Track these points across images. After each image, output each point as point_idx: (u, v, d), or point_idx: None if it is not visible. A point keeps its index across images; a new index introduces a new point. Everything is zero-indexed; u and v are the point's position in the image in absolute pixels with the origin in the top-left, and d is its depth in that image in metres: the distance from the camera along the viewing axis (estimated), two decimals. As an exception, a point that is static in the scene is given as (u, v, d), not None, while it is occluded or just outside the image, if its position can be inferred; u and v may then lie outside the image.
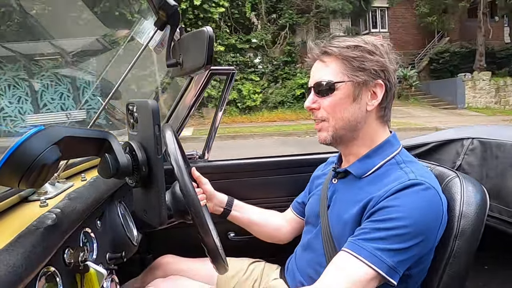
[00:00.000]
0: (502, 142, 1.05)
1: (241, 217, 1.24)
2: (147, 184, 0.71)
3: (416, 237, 0.78)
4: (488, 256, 1.09)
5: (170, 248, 1.35)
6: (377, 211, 0.81)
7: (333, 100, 0.90)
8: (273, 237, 1.25)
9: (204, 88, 1.45)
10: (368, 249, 0.77)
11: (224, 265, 0.94)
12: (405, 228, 0.77)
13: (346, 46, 0.88)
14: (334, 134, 0.92)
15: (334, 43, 0.91)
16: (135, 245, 1.01)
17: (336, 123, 0.91)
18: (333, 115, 0.91)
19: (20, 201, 0.79)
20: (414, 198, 0.79)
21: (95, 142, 0.66)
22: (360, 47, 0.88)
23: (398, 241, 0.77)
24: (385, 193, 0.81)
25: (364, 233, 0.80)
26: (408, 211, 0.78)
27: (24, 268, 0.51)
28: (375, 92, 0.89)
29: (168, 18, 0.91)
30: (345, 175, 0.97)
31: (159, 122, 0.67)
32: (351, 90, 0.88)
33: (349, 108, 0.89)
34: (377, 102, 0.89)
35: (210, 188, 1.20)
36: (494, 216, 1.03)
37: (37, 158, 0.54)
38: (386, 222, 0.79)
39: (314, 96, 0.93)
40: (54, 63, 7.64)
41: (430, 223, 0.80)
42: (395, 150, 0.92)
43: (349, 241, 0.82)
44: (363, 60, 0.87)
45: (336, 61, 0.89)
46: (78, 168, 1.12)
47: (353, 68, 0.88)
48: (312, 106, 0.93)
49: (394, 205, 0.79)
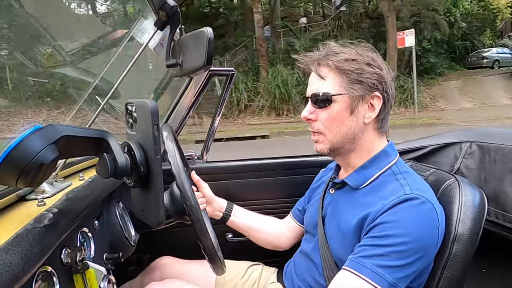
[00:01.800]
0: (500, 146, 1.06)
1: (240, 223, 1.23)
2: (146, 184, 0.71)
3: (416, 253, 0.78)
4: (486, 259, 1.09)
5: (168, 249, 1.35)
6: (375, 227, 0.81)
7: (330, 113, 0.89)
8: (272, 244, 1.24)
9: (204, 88, 1.45)
10: (369, 267, 0.77)
11: (221, 266, 0.94)
12: (404, 244, 0.77)
13: (343, 59, 0.87)
14: (331, 147, 0.91)
15: (331, 55, 0.89)
16: (133, 245, 1.01)
17: (334, 137, 0.90)
18: (330, 128, 0.90)
19: (18, 200, 0.79)
20: (411, 214, 0.79)
21: (93, 141, 0.66)
22: (357, 59, 0.87)
23: (398, 258, 0.77)
24: (382, 207, 0.81)
25: (364, 250, 0.80)
26: (406, 227, 0.78)
27: (21, 268, 0.51)
28: (373, 104, 0.88)
29: (168, 18, 0.91)
30: (342, 185, 0.97)
31: (158, 122, 0.66)
32: (348, 103, 0.88)
33: (346, 121, 0.89)
34: (375, 114, 0.89)
35: (210, 192, 1.20)
36: (492, 220, 1.03)
37: (35, 157, 0.54)
38: (385, 238, 0.78)
39: (311, 107, 0.91)
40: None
41: (428, 237, 0.80)
42: (392, 161, 0.92)
43: (349, 259, 0.82)
44: (360, 73, 0.86)
45: (333, 73, 0.88)
46: (76, 168, 1.12)
47: (350, 81, 0.87)
48: (309, 116, 0.92)
49: (391, 220, 0.79)
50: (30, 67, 1.36)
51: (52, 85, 1.46)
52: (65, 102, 3.12)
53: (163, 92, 1.65)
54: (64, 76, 1.48)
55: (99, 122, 0.98)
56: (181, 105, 1.51)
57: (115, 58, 1.23)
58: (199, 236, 0.89)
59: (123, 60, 1.15)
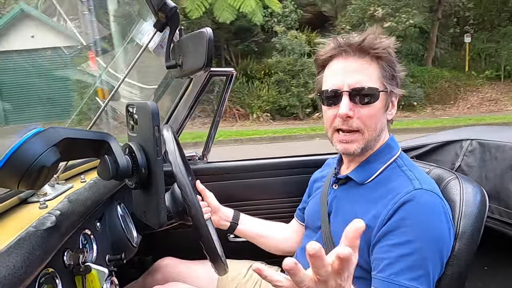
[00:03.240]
0: (501, 144, 1.05)
1: (249, 231, 1.21)
2: (147, 186, 0.71)
3: (439, 251, 0.76)
4: (487, 257, 1.09)
5: (170, 250, 1.35)
6: (391, 232, 0.77)
7: (372, 110, 0.82)
8: (280, 249, 1.22)
9: (204, 89, 1.46)
10: (404, 285, 0.73)
11: (223, 266, 0.94)
12: (428, 249, 0.75)
13: (385, 49, 0.79)
14: (365, 146, 0.85)
15: (373, 42, 0.80)
16: (135, 246, 1.01)
17: (370, 135, 0.84)
18: (369, 126, 0.83)
19: (20, 203, 0.79)
20: (424, 212, 0.77)
21: (94, 143, 0.66)
22: (391, 52, 0.82)
23: (427, 264, 0.74)
24: (393, 205, 0.78)
25: (391, 265, 0.75)
26: (423, 231, 0.75)
27: (24, 270, 0.51)
28: (393, 101, 0.87)
29: (168, 20, 0.91)
30: (346, 181, 0.94)
31: (158, 123, 0.67)
32: (386, 99, 0.84)
33: (381, 119, 0.85)
34: (395, 111, 0.88)
35: (215, 201, 1.17)
36: (494, 217, 1.03)
37: (36, 160, 0.54)
38: (408, 245, 0.74)
39: (350, 103, 0.82)
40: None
41: (444, 232, 0.78)
42: (395, 154, 0.90)
43: (379, 279, 0.76)
44: (394, 67, 0.83)
45: (375, 64, 0.81)
46: (78, 170, 1.12)
47: (388, 75, 0.82)
48: (350, 113, 0.82)
49: (407, 224, 0.75)
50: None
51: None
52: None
53: (163, 93, 1.65)
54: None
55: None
56: (181, 105, 1.51)
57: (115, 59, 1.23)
58: (201, 236, 0.89)
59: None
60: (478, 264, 0.94)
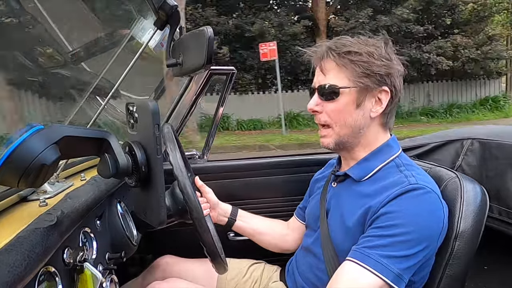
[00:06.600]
0: (501, 143, 1.05)
1: (246, 227, 1.22)
2: (147, 184, 0.71)
3: (420, 243, 0.77)
4: (488, 256, 1.08)
5: (170, 249, 1.35)
6: (379, 217, 0.80)
7: (336, 105, 0.88)
8: (278, 246, 1.23)
9: (204, 87, 1.45)
10: (373, 257, 0.76)
11: (223, 265, 0.94)
12: (408, 234, 0.77)
13: (349, 52, 0.86)
14: (337, 141, 0.91)
15: (338, 46, 0.88)
16: (135, 245, 1.01)
17: (340, 130, 0.90)
18: (336, 121, 0.89)
19: (20, 201, 0.79)
20: (416, 203, 0.79)
21: (94, 141, 0.66)
22: (365, 52, 0.86)
23: (403, 248, 0.76)
24: (386, 197, 0.81)
25: (368, 241, 0.79)
26: (411, 217, 0.77)
27: (24, 268, 0.51)
28: (380, 99, 0.88)
29: (168, 18, 0.91)
30: (344, 178, 0.97)
31: (159, 122, 0.67)
32: (355, 96, 0.87)
33: (352, 114, 0.88)
34: (382, 109, 0.88)
35: (214, 197, 1.18)
36: (494, 217, 1.03)
37: (36, 158, 0.54)
38: (389, 228, 0.78)
39: (318, 99, 0.91)
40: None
41: (432, 228, 0.80)
42: (395, 154, 0.91)
43: (353, 249, 0.81)
44: (368, 66, 0.85)
45: (340, 65, 0.87)
46: (78, 168, 1.12)
47: (357, 74, 0.86)
48: (315, 108, 0.91)
49: (396, 210, 0.78)
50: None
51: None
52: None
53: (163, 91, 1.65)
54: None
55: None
56: (182, 104, 1.51)
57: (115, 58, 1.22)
58: (201, 235, 0.89)
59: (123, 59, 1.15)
60: (478, 264, 0.94)
